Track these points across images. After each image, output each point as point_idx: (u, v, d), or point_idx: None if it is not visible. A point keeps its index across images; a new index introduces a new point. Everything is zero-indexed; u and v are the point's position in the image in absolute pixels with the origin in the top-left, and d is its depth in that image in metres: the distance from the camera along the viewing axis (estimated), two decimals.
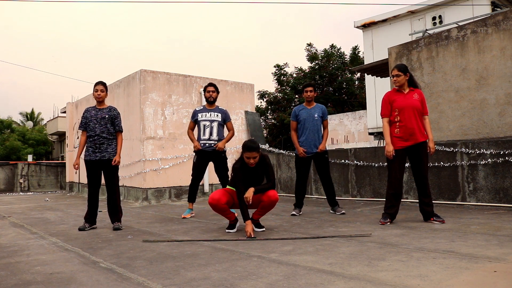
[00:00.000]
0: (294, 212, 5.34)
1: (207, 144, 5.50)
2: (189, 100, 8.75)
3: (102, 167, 4.76)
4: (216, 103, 5.81)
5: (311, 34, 75.65)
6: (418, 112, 4.33)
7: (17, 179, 16.24)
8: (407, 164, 6.03)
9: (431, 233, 3.72)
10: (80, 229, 4.67)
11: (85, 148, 4.82)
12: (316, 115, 5.36)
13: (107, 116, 4.76)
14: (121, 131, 4.89)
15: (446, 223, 4.21)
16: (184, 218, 5.47)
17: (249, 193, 3.92)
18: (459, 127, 6.32)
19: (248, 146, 3.99)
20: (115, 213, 4.81)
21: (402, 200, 6.23)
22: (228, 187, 4.29)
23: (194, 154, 5.64)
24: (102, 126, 4.73)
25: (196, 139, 5.58)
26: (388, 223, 4.32)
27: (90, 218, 4.79)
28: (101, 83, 4.82)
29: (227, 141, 5.56)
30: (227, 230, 4.29)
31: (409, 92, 4.40)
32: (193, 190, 5.61)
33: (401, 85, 4.39)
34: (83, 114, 4.86)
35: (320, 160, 5.39)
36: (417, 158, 4.36)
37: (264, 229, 4.25)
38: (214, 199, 4.07)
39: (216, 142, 5.51)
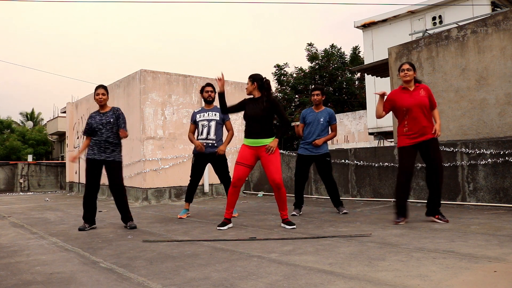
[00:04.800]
0: (294, 212, 5.34)
1: (205, 144, 5.43)
2: (189, 100, 8.75)
3: (106, 169, 4.73)
4: (216, 102, 5.79)
5: (311, 34, 75.66)
6: (427, 109, 4.28)
7: (17, 179, 16.24)
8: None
9: (431, 233, 3.72)
10: (80, 229, 4.66)
11: (88, 147, 4.79)
12: (322, 119, 5.31)
13: (112, 120, 4.70)
14: (125, 128, 4.84)
15: (446, 223, 4.21)
16: (180, 218, 5.47)
17: (274, 143, 4.33)
18: (459, 127, 6.32)
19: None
20: (127, 213, 4.79)
21: None
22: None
23: (193, 155, 5.61)
24: (109, 131, 4.67)
25: (196, 139, 5.55)
26: (403, 222, 4.29)
27: (90, 218, 4.77)
28: (102, 87, 4.78)
29: (228, 143, 5.49)
30: (217, 228, 4.39)
31: (415, 89, 4.36)
32: (191, 191, 5.58)
33: (409, 81, 4.36)
34: (88, 120, 4.79)
35: (321, 163, 5.35)
36: (429, 153, 4.29)
37: (295, 226, 4.30)
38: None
39: (214, 142, 5.44)
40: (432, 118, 4.36)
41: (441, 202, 5.78)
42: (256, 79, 4.43)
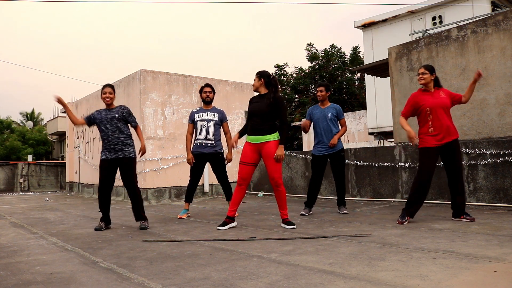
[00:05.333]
0: (303, 212, 5.32)
1: (203, 144, 5.46)
2: (189, 100, 8.75)
3: (118, 166, 4.71)
4: (217, 103, 5.81)
5: (311, 34, 75.67)
6: (448, 110, 4.32)
7: (17, 179, 16.24)
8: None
9: (431, 233, 3.72)
10: (96, 229, 4.63)
11: (101, 150, 4.76)
12: (329, 115, 5.31)
13: (116, 115, 4.71)
14: (136, 125, 4.90)
15: (446, 223, 4.21)
16: (180, 218, 5.47)
17: (281, 150, 4.32)
18: (459, 127, 6.31)
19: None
20: (139, 211, 4.76)
21: (402, 200, 6.24)
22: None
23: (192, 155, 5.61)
24: (113, 126, 4.68)
25: (194, 139, 5.58)
26: (406, 222, 4.31)
27: (105, 218, 4.76)
28: (110, 86, 4.78)
29: (231, 149, 5.52)
30: (218, 228, 4.38)
31: (436, 91, 4.38)
32: (191, 191, 5.59)
33: (426, 84, 4.38)
34: (93, 112, 4.81)
35: (335, 159, 5.31)
36: (451, 156, 4.31)
37: (295, 226, 4.30)
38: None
39: (212, 142, 5.46)
40: (452, 120, 4.38)
41: (441, 202, 5.80)
42: (264, 76, 4.44)
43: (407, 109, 4.47)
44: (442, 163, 5.75)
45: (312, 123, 5.48)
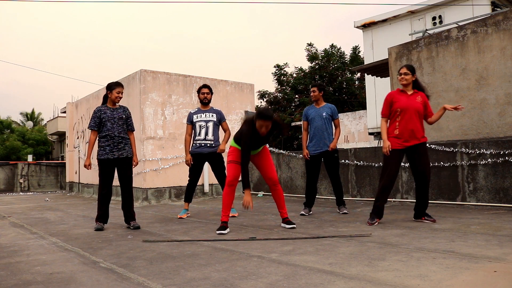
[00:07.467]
0: (303, 212, 5.33)
1: (202, 144, 5.50)
2: (189, 100, 8.75)
3: (119, 165, 4.74)
4: (216, 103, 5.82)
5: (311, 34, 75.69)
6: (420, 115, 4.29)
7: (17, 179, 16.24)
8: (406, 164, 6.05)
9: (431, 233, 3.72)
10: (98, 229, 4.62)
11: (99, 147, 4.72)
12: (324, 114, 5.32)
13: (124, 116, 4.81)
14: (133, 130, 4.97)
15: (446, 223, 4.21)
16: (180, 218, 5.48)
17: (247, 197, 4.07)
18: (459, 127, 6.32)
19: (264, 115, 3.98)
20: (131, 212, 4.81)
21: (402, 200, 6.24)
22: (232, 145, 4.42)
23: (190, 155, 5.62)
24: (120, 127, 4.74)
25: (193, 140, 5.59)
26: (376, 223, 4.33)
27: (104, 218, 4.76)
28: (122, 85, 4.86)
29: (226, 142, 5.54)
30: (217, 232, 4.13)
31: (413, 94, 4.36)
32: (190, 191, 5.61)
33: (407, 85, 4.36)
34: (96, 114, 4.72)
35: (329, 159, 5.33)
36: (417, 158, 4.32)
37: (294, 225, 4.30)
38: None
39: (212, 142, 5.50)
40: (423, 124, 4.35)
41: (441, 202, 5.81)
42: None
43: (385, 108, 4.41)
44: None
45: (308, 123, 5.50)
